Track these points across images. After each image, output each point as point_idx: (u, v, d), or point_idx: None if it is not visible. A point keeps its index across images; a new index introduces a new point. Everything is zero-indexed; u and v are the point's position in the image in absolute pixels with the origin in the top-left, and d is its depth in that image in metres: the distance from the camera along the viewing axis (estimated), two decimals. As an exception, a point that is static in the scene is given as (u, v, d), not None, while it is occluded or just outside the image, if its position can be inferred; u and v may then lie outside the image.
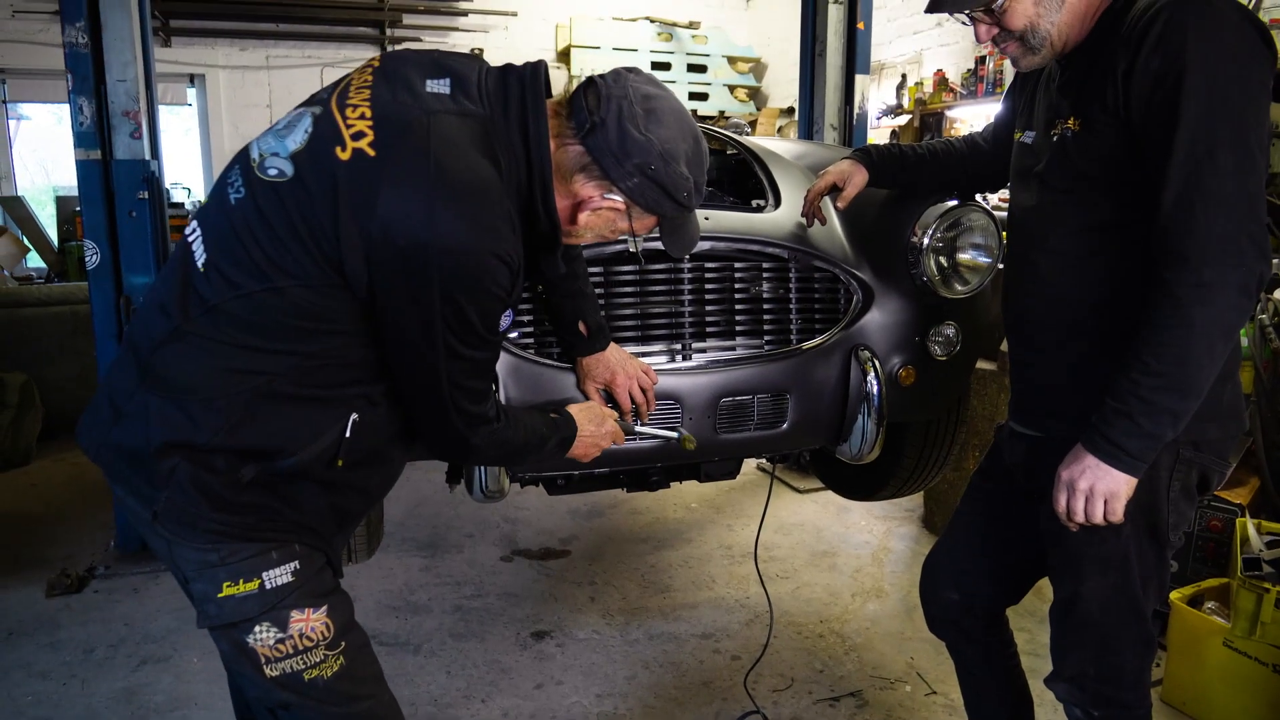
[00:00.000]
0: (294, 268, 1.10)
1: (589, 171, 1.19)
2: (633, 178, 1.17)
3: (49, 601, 2.90)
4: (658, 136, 1.16)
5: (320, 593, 1.23)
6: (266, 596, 1.17)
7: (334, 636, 1.21)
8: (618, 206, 1.21)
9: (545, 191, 1.18)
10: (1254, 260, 1.17)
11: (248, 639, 1.17)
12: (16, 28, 7.05)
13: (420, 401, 1.22)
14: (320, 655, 1.20)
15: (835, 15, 3.76)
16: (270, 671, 1.18)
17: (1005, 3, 1.34)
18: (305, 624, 1.19)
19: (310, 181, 1.09)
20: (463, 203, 1.08)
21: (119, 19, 2.97)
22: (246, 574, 1.17)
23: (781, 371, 1.83)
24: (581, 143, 1.17)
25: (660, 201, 1.20)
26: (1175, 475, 1.32)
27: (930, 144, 1.87)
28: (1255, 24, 1.24)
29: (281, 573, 1.18)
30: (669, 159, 1.17)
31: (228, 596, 1.17)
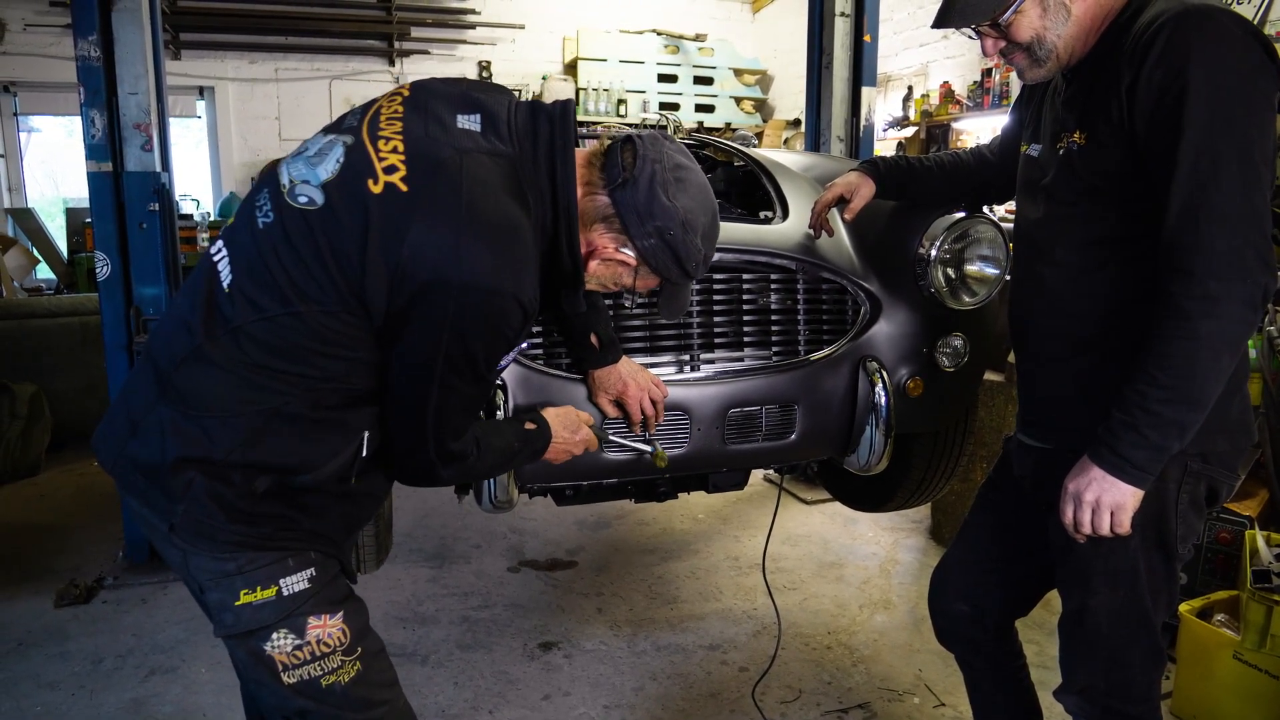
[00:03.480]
0: (316, 293, 1.12)
1: (610, 224, 1.22)
2: (650, 238, 1.21)
3: (58, 612, 2.90)
4: (683, 205, 1.20)
5: (336, 599, 1.24)
6: (284, 603, 1.19)
7: (350, 642, 1.23)
8: (628, 262, 1.25)
9: (570, 234, 1.22)
10: (1259, 273, 1.18)
11: (265, 646, 1.19)
12: (28, 41, 7.12)
13: (402, 427, 1.23)
14: (337, 661, 1.21)
15: (842, 28, 3.77)
16: (288, 678, 1.20)
17: (1011, 16, 1.35)
18: (322, 630, 1.20)
19: (341, 211, 1.12)
20: (491, 242, 1.11)
21: (130, 33, 3.00)
22: (264, 581, 1.18)
23: (789, 383, 1.84)
24: (609, 195, 1.21)
25: (670, 267, 1.24)
26: (1184, 488, 1.32)
27: (937, 156, 1.88)
28: (1259, 38, 1.24)
29: (298, 580, 1.20)
30: (689, 229, 1.21)
31: (245, 604, 1.18)
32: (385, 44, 7.84)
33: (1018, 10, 1.34)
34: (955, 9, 1.39)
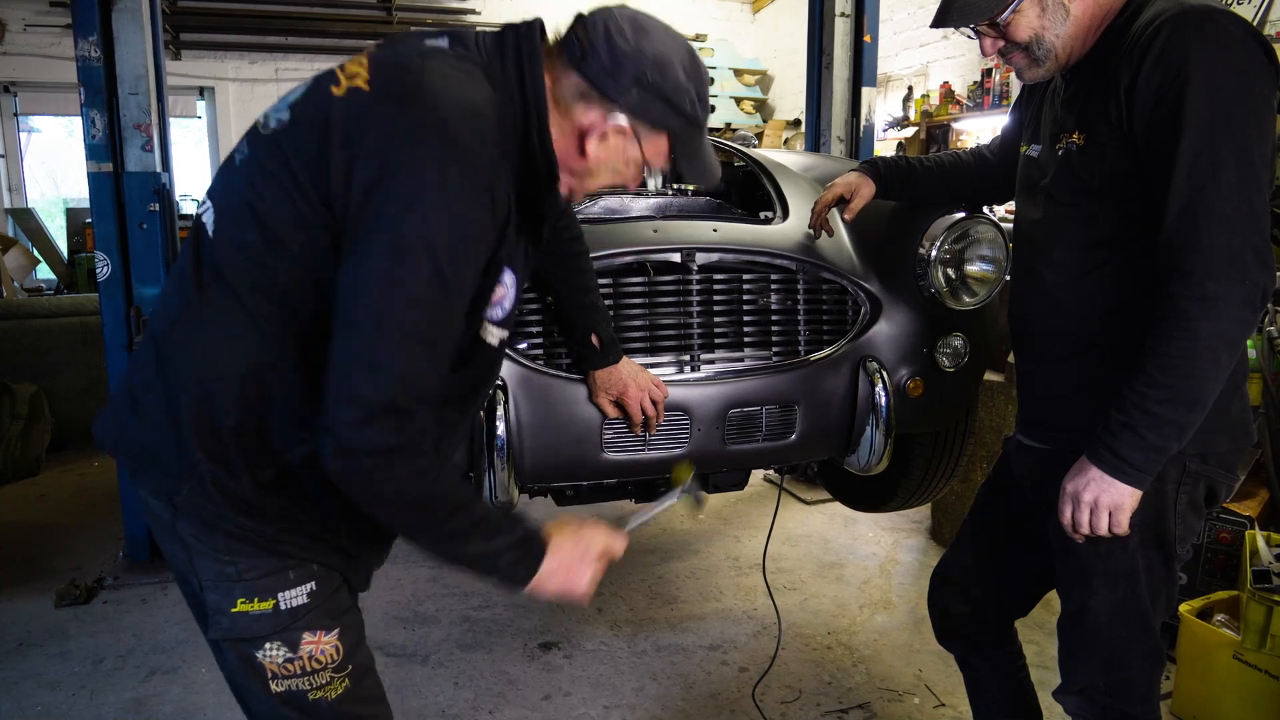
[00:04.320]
0: (289, 212, 1.06)
1: (588, 98, 1.14)
2: (630, 91, 1.12)
3: (58, 612, 2.91)
4: (648, 46, 1.12)
5: (334, 614, 1.21)
6: (280, 617, 1.16)
7: (342, 660, 1.21)
8: (623, 129, 1.14)
9: (541, 128, 1.14)
10: (1258, 274, 1.18)
11: (257, 654, 1.17)
12: (28, 41, 7.13)
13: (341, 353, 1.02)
14: (327, 678, 1.20)
15: (842, 28, 3.78)
16: (275, 687, 1.18)
17: (1010, 16, 1.35)
18: (316, 646, 1.18)
19: (304, 122, 1.08)
20: (451, 122, 1.03)
21: (131, 33, 3.01)
22: (262, 593, 1.16)
23: (790, 383, 1.84)
24: (576, 70, 1.13)
25: (665, 114, 1.14)
26: (1182, 488, 1.32)
27: (937, 156, 1.88)
28: (1258, 39, 1.24)
29: (297, 594, 1.17)
30: (664, 66, 1.12)
31: (241, 613, 1.16)
32: (385, 44, 7.85)
33: (1016, 10, 1.34)
34: (954, 9, 1.39)
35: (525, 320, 1.73)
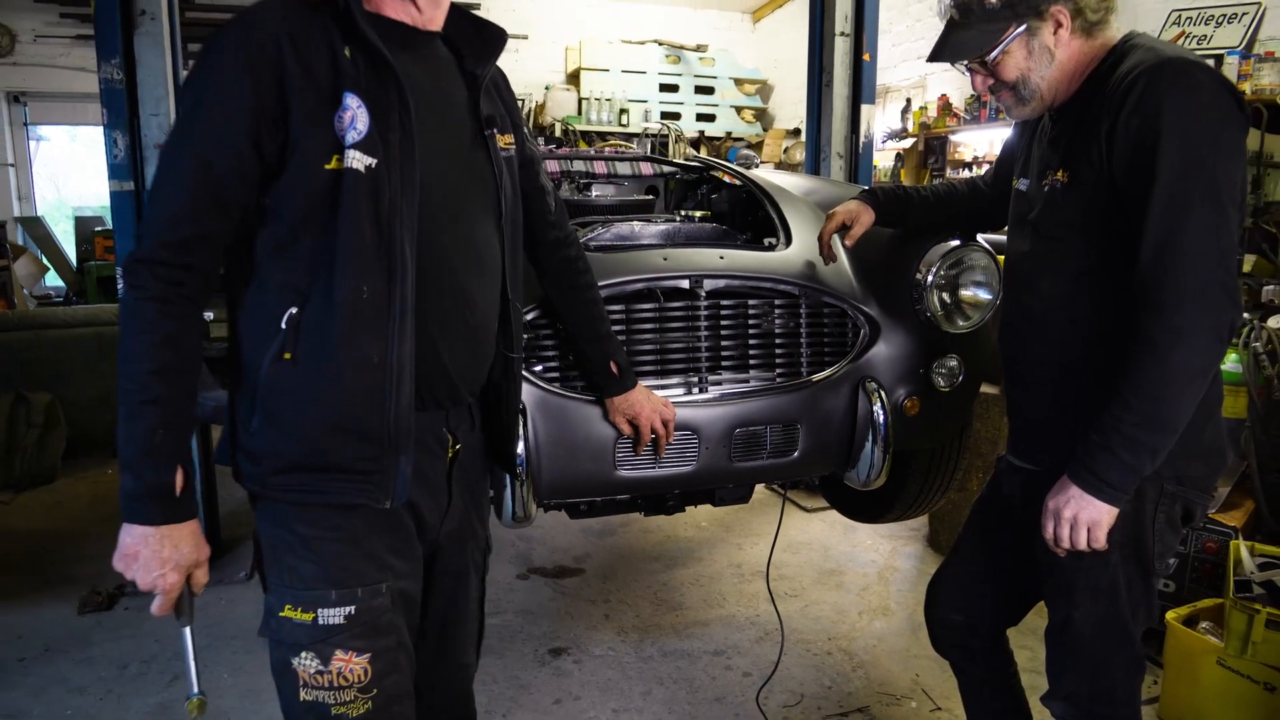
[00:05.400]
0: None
1: None
2: None
3: (81, 619, 2.99)
4: None
5: (369, 638, 1.27)
6: (317, 631, 1.24)
7: (369, 682, 1.26)
8: None
9: None
10: (1225, 308, 1.27)
11: (293, 660, 1.25)
12: (38, 52, 7.23)
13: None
14: (351, 696, 1.25)
15: (842, 47, 3.87)
16: (304, 695, 1.25)
17: (999, 56, 1.44)
18: (346, 665, 1.25)
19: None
20: (220, 32, 1.19)
21: (152, 56, 3.09)
22: (306, 605, 1.24)
23: (792, 402, 1.93)
24: None
25: None
26: (1160, 508, 1.41)
27: (933, 186, 1.97)
28: (1229, 89, 1.34)
29: (335, 614, 1.24)
30: None
31: (286, 618, 1.25)
32: (390, 55, 7.95)
33: (1004, 51, 1.44)
34: (948, 46, 1.49)
35: (541, 344, 1.82)
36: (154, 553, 1.19)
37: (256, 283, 1.23)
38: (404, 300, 1.21)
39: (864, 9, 3.83)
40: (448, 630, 1.51)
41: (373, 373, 1.21)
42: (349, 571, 1.26)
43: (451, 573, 1.49)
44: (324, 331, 1.19)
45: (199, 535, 1.25)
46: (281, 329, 1.19)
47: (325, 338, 1.19)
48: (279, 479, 1.25)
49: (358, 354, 1.20)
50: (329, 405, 1.21)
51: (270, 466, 1.25)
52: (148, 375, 1.17)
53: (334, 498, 1.25)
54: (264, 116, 1.15)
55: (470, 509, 1.49)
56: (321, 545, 1.26)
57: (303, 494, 1.25)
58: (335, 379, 1.20)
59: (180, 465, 1.21)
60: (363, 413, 1.22)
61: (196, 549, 1.24)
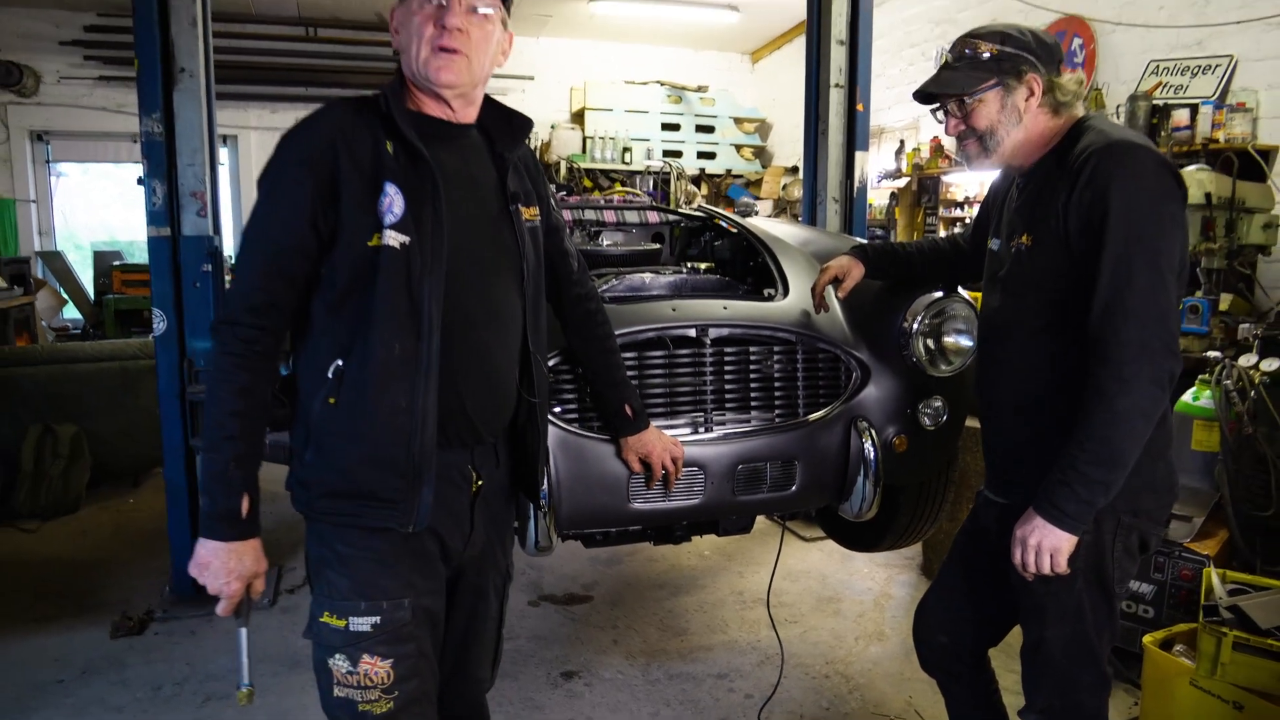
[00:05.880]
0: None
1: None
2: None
3: (114, 642, 3.12)
4: None
5: (394, 642, 1.46)
6: (348, 636, 1.44)
7: (391, 684, 1.45)
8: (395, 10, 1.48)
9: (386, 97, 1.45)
10: (1164, 360, 1.46)
11: (328, 660, 1.45)
12: (62, 92, 7.49)
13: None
14: (375, 695, 1.45)
15: (836, 98, 4.09)
16: (337, 691, 1.45)
17: (973, 102, 1.63)
18: (372, 668, 1.44)
19: None
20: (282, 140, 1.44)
21: (190, 110, 3.30)
22: (339, 613, 1.45)
23: (790, 440, 2.10)
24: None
25: None
26: (1118, 538, 1.58)
27: (918, 243, 2.16)
28: (1169, 168, 1.53)
29: (363, 623, 1.45)
30: None
31: (324, 623, 1.46)
32: (401, 94, 8.21)
33: (981, 98, 1.63)
34: (937, 81, 1.68)
35: (561, 388, 2.00)
36: (222, 564, 1.41)
37: (312, 339, 1.47)
38: (430, 356, 1.42)
39: (857, 62, 4.06)
40: (466, 645, 1.69)
41: (401, 416, 1.42)
42: (376, 587, 1.46)
43: (472, 594, 1.67)
44: (362, 381, 1.40)
45: (259, 551, 1.46)
46: (329, 378, 1.42)
47: (363, 386, 1.40)
48: (323, 503, 1.47)
49: (389, 400, 1.41)
50: (364, 442, 1.43)
51: (317, 492, 1.47)
52: (226, 416, 1.41)
53: (366, 522, 1.46)
54: (320, 203, 1.38)
55: (493, 538, 1.67)
56: (355, 563, 1.46)
57: (341, 517, 1.47)
58: (370, 420, 1.42)
59: (247, 493, 1.43)
60: (391, 449, 1.42)
61: (257, 563, 1.45)
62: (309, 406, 1.45)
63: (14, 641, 3.11)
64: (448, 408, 1.46)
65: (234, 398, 1.40)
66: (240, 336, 1.39)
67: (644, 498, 2.00)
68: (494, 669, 1.77)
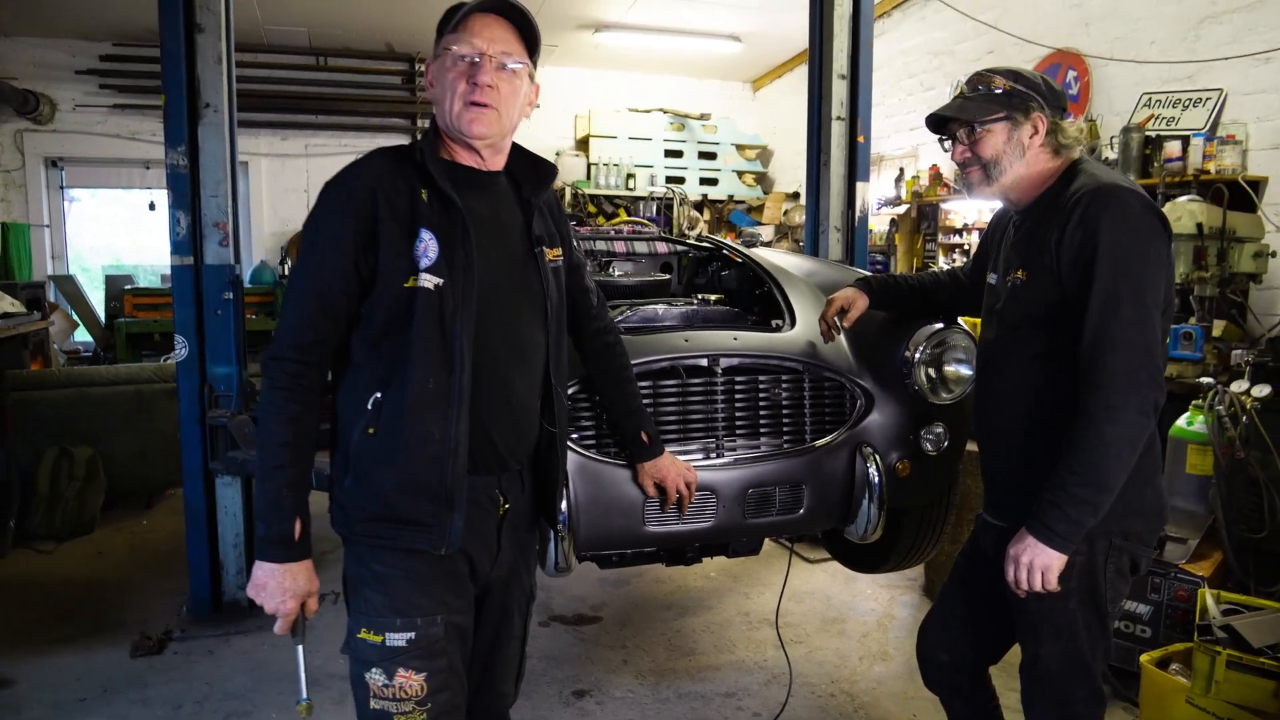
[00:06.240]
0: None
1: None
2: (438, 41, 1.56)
3: (134, 662, 3.19)
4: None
5: (428, 656, 1.54)
6: (384, 651, 1.52)
7: (425, 697, 1.53)
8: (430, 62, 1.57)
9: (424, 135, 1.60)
10: (1149, 389, 1.56)
11: (365, 674, 1.53)
12: (77, 120, 7.62)
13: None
14: (409, 707, 1.53)
15: (838, 130, 4.21)
16: (373, 704, 1.54)
17: (984, 129, 1.73)
18: (406, 681, 1.52)
19: None
20: (327, 185, 1.54)
21: (214, 143, 3.41)
22: (376, 629, 1.53)
23: (798, 465, 2.19)
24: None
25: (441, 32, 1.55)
26: (1110, 559, 1.67)
27: (920, 275, 2.27)
28: (1154, 210, 1.63)
29: (399, 639, 1.53)
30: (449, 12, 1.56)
31: (361, 639, 1.54)
32: (409, 122, 8.36)
33: (989, 127, 1.73)
34: (952, 106, 1.78)
35: (579, 416, 2.09)
36: (278, 584, 1.51)
37: (351, 373, 1.57)
38: (461, 389, 1.52)
39: (858, 95, 4.19)
40: (491, 661, 1.78)
41: (434, 445, 1.51)
42: (411, 604, 1.54)
43: (498, 612, 1.75)
44: (399, 413, 1.50)
45: (312, 572, 1.56)
46: (369, 409, 1.52)
47: (400, 417, 1.50)
48: (362, 526, 1.56)
49: (422, 430, 1.50)
50: (401, 469, 1.53)
51: (356, 516, 1.56)
52: (277, 446, 1.50)
53: (402, 544, 1.55)
54: (361, 248, 1.49)
55: (518, 560, 1.76)
56: (392, 581, 1.55)
57: (379, 539, 1.56)
58: (406, 450, 1.51)
59: (299, 517, 1.52)
60: (426, 476, 1.52)
61: (309, 582, 1.55)
62: (348, 436, 1.54)
63: (36, 661, 3.18)
64: (476, 437, 1.56)
65: (284, 429, 1.50)
66: (288, 371, 1.50)
67: (658, 521, 2.08)
68: (517, 684, 1.85)
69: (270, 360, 1.51)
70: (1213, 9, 4.45)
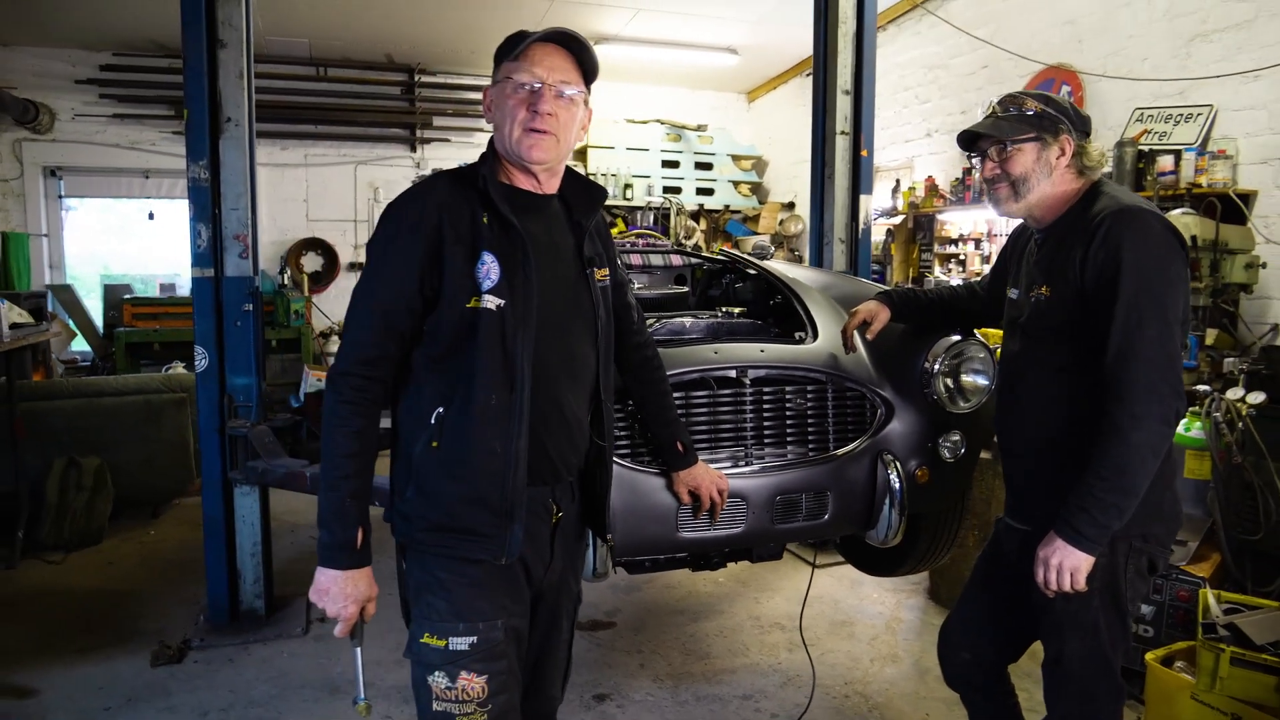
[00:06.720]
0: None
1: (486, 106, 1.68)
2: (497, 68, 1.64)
3: (155, 671, 3.22)
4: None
5: (489, 659, 1.60)
6: (448, 655, 1.58)
7: (486, 698, 1.59)
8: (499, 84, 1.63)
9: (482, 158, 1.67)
10: (1171, 399, 1.65)
11: (428, 677, 1.59)
12: (76, 129, 7.64)
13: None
14: (471, 709, 1.58)
15: (842, 145, 4.31)
16: (436, 706, 1.59)
17: (1015, 147, 1.82)
18: (469, 683, 1.58)
19: None
20: (391, 207, 1.61)
21: (235, 157, 3.47)
22: (439, 633, 1.59)
23: (823, 473, 2.27)
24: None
25: (500, 59, 1.63)
26: (1130, 561, 1.76)
27: (938, 290, 2.36)
28: (1173, 231, 1.72)
29: (462, 642, 1.59)
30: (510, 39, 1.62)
31: (425, 644, 1.60)
32: (408, 132, 8.41)
33: (1020, 146, 1.82)
34: (987, 123, 1.86)
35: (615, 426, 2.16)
36: (340, 590, 1.58)
37: (414, 388, 1.63)
38: (522, 405, 1.58)
39: (861, 111, 4.29)
40: (541, 664, 1.83)
41: (496, 459, 1.58)
42: (474, 609, 1.60)
43: (548, 616, 1.81)
44: (462, 428, 1.56)
45: (371, 578, 1.63)
46: (432, 424, 1.58)
47: (463, 433, 1.56)
48: (424, 535, 1.63)
49: (485, 445, 1.57)
50: (463, 482, 1.59)
51: (419, 526, 1.62)
52: (342, 458, 1.56)
53: (464, 553, 1.61)
54: (426, 268, 1.56)
55: (568, 566, 1.83)
56: (455, 587, 1.61)
57: (441, 548, 1.62)
58: (468, 463, 1.58)
59: (361, 526, 1.59)
60: (487, 489, 1.58)
61: (370, 588, 1.62)
62: (411, 449, 1.61)
63: (58, 671, 3.21)
64: (533, 450, 1.62)
65: (350, 441, 1.56)
66: (353, 386, 1.56)
67: (691, 527, 2.16)
68: (563, 686, 1.91)
69: (336, 375, 1.57)
70: (1203, 27, 4.59)
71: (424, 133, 8.40)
